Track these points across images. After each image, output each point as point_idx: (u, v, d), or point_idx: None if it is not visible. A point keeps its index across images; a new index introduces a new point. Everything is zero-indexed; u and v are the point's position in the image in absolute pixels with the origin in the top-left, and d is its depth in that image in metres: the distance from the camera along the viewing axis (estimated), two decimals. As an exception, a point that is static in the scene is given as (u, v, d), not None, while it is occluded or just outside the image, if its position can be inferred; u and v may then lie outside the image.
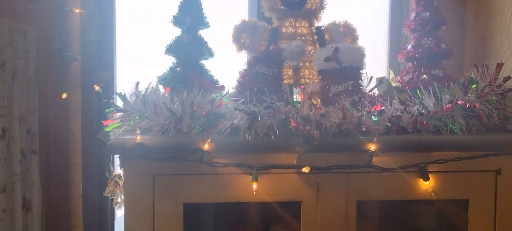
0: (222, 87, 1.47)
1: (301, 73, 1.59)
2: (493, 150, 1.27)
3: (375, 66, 1.85)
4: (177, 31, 1.49)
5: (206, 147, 1.17)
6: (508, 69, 1.52)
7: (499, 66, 1.42)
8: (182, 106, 1.25)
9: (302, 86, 1.34)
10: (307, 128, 1.20)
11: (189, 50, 1.45)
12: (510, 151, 1.27)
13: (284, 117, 1.21)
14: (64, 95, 1.62)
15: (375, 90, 1.59)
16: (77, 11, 1.62)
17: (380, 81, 1.59)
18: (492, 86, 1.37)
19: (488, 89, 1.36)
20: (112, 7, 1.73)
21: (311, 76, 1.59)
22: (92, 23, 1.66)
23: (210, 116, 1.25)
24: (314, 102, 1.57)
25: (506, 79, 1.38)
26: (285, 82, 1.56)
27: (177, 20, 1.47)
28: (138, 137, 1.16)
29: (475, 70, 1.43)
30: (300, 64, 1.58)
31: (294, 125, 1.20)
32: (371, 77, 1.61)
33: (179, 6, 1.47)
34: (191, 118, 1.24)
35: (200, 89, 1.35)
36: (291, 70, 1.58)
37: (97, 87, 1.61)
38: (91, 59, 1.66)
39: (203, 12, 1.49)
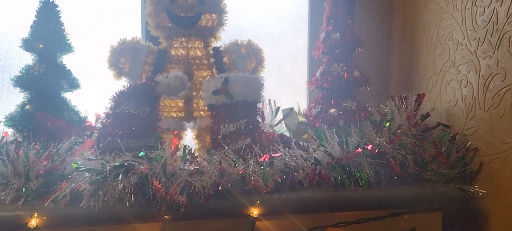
0: (90, 128, 1.20)
1: (195, 105, 1.32)
2: (406, 207, 1.05)
3: (295, 90, 1.59)
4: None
5: (32, 223, 0.90)
6: (433, 99, 1.29)
7: (420, 98, 1.20)
8: (11, 165, 0.97)
9: (175, 132, 1.07)
10: (170, 191, 0.94)
11: (41, 82, 1.15)
12: (426, 208, 1.05)
13: (139, 178, 0.95)
14: None
15: (283, 125, 1.34)
16: None
17: (289, 112, 1.34)
18: (409, 124, 1.14)
19: (405, 128, 1.13)
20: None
21: (207, 108, 1.32)
22: None
23: (50, 177, 0.98)
24: (209, 141, 1.31)
25: (425, 116, 1.16)
26: (174, 116, 1.30)
27: (27, 45, 1.17)
28: None
29: (393, 103, 1.20)
30: (193, 93, 1.31)
31: (159, 187, 0.95)
32: (278, 108, 1.37)
33: (31, 26, 1.18)
34: (26, 181, 0.97)
35: (55, 133, 1.08)
36: (181, 101, 1.31)
37: None
38: None
39: (65, 33, 1.20)
